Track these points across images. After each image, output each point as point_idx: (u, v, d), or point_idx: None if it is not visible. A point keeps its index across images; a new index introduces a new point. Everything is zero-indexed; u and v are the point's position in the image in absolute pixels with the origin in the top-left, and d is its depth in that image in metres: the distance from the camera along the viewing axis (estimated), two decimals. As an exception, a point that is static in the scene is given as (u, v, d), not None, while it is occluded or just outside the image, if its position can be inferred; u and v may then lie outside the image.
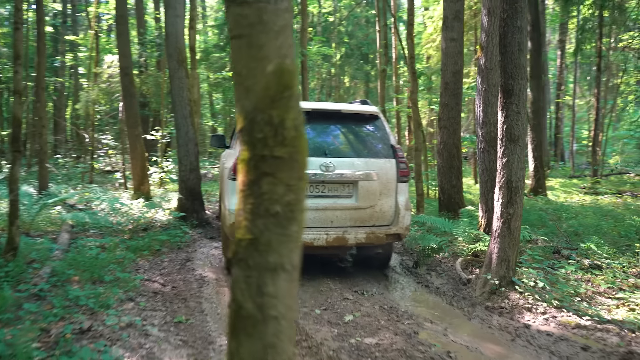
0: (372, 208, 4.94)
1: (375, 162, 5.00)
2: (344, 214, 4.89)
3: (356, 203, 4.90)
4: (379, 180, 4.95)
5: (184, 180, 7.62)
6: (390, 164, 5.03)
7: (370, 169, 4.94)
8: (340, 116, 5.30)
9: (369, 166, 4.95)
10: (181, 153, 7.59)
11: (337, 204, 4.88)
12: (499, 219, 4.39)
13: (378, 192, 4.95)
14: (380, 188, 4.96)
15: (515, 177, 4.28)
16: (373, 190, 4.93)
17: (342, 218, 4.89)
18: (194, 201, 7.64)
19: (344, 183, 4.90)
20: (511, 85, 4.16)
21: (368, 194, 4.91)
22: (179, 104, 7.52)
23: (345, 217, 4.90)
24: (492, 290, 4.39)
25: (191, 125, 7.61)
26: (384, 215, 5.00)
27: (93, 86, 13.45)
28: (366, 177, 4.90)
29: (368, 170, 4.92)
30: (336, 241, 4.81)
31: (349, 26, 29.01)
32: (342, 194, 4.92)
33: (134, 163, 10.25)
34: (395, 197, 5.03)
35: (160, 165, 12.94)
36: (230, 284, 3.85)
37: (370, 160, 5.00)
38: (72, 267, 4.76)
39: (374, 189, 4.93)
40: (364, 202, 4.90)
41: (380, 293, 4.66)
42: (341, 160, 4.92)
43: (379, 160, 5.03)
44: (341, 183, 4.89)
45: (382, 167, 4.99)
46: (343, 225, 4.89)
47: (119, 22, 10.01)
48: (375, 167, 4.96)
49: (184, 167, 7.60)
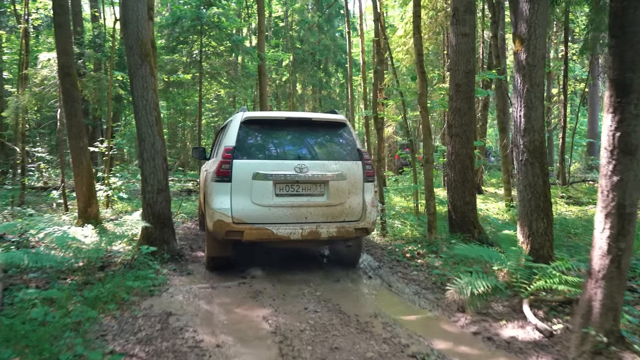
0: (342, 205, 5.45)
1: (343, 164, 5.52)
2: (316, 210, 5.36)
3: (327, 200, 5.40)
4: (348, 180, 5.47)
5: (151, 204, 6.14)
6: (357, 166, 5.56)
7: (340, 170, 5.46)
8: (312, 124, 5.80)
9: (338, 167, 5.47)
10: (146, 170, 6.12)
11: (311, 201, 5.37)
12: (605, 256, 3.35)
13: (347, 191, 5.47)
14: (349, 187, 5.47)
15: (630, 201, 3.25)
16: (342, 189, 5.44)
17: (315, 214, 5.36)
18: (163, 229, 6.17)
19: (316, 183, 5.40)
20: (630, 79, 3.13)
21: (338, 192, 5.43)
22: (143, 108, 6.06)
23: (318, 214, 5.37)
24: (597, 350, 3.33)
25: (158, 136, 6.17)
26: (353, 211, 5.49)
27: (24, 90, 11.48)
28: (336, 177, 5.42)
29: (337, 171, 5.44)
30: (310, 235, 5.28)
31: (301, 31, 27.94)
32: (315, 193, 5.41)
33: (79, 181, 8.58)
34: (363, 195, 5.57)
35: (106, 182, 11.21)
36: None
37: (339, 162, 5.52)
38: (8, 343, 3.28)
39: (343, 188, 5.45)
40: (335, 199, 5.41)
41: (441, 357, 3.49)
42: (313, 163, 5.44)
43: (347, 162, 5.55)
44: (314, 183, 5.39)
45: (350, 169, 5.52)
46: (316, 221, 5.36)
47: (57, 12, 8.35)
48: (344, 169, 5.49)
49: (150, 187, 6.12)
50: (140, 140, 6.15)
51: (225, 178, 5.27)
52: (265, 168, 5.29)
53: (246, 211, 5.23)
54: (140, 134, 6.10)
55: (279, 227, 5.25)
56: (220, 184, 5.28)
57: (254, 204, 5.24)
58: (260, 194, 5.25)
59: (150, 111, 6.10)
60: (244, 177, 5.25)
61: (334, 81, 33.98)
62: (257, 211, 5.25)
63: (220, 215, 5.21)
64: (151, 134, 6.09)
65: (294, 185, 5.36)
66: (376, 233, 7.94)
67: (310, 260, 6.66)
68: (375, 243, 7.50)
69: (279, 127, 5.76)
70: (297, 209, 5.31)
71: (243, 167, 5.28)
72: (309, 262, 6.56)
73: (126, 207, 11.61)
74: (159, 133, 6.20)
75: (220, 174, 5.28)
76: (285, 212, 5.29)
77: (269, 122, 5.75)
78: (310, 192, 5.40)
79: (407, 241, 7.28)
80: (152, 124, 6.10)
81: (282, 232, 5.23)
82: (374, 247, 7.22)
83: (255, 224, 5.24)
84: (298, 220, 5.31)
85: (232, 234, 5.23)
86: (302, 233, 5.26)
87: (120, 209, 11.42)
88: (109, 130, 11.71)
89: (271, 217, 5.27)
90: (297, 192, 5.37)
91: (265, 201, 5.26)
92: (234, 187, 5.25)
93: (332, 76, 31.38)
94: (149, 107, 6.09)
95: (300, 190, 5.38)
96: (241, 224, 5.21)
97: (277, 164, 5.36)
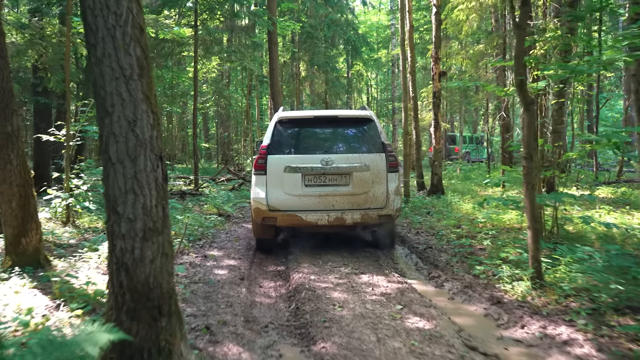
0: (365, 194, 6.04)
1: (367, 157, 6.11)
2: (342, 199, 6.00)
3: (352, 190, 6.01)
4: (371, 171, 6.05)
5: (127, 267, 2.59)
6: (380, 158, 6.12)
7: (363, 162, 6.05)
8: (338, 120, 6.50)
9: (362, 160, 6.07)
10: (115, 184, 2.57)
11: (337, 191, 6.01)
12: None
13: (370, 181, 6.05)
14: (372, 177, 6.06)
15: None
16: (366, 179, 6.04)
17: (341, 202, 6.00)
18: (156, 325, 2.63)
19: (341, 174, 6.03)
20: None
21: (361, 182, 6.03)
22: (109, 35, 2.51)
23: (344, 202, 6.01)
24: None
25: (145, 104, 2.61)
26: (377, 199, 6.06)
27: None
28: (359, 169, 6.02)
29: (361, 163, 6.04)
30: (336, 221, 5.98)
31: (307, 2, 24.26)
32: (340, 183, 6.04)
33: (5, 192, 4.99)
34: (386, 184, 6.10)
35: (65, 185, 7.59)
36: None
37: (362, 155, 6.11)
38: None
39: (367, 178, 6.04)
40: (358, 189, 6.02)
41: None
42: (338, 156, 6.08)
43: (371, 154, 6.13)
44: (338, 174, 6.03)
45: (374, 160, 6.09)
46: (342, 208, 6.00)
47: None
48: (367, 161, 6.08)
49: (125, 225, 2.57)
50: (100, 113, 2.59)
51: (261, 171, 6.07)
52: (295, 162, 6.03)
53: (279, 200, 5.98)
54: (102, 95, 2.55)
55: (307, 214, 5.97)
56: (257, 177, 6.09)
57: (286, 193, 5.98)
58: (291, 184, 5.98)
59: (128, 43, 2.54)
60: (277, 170, 6.01)
61: (342, 62, 30.46)
62: (289, 200, 5.97)
63: (257, 203, 6.01)
64: (128, 99, 2.54)
65: (321, 176, 6.04)
66: (529, 287, 4.48)
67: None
68: (535, 306, 4.04)
69: (309, 125, 6.45)
70: (324, 198, 5.98)
71: (276, 162, 6.05)
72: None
73: (95, 221, 8.00)
74: (146, 99, 2.63)
75: (257, 168, 6.11)
76: (313, 200, 5.98)
77: (300, 120, 6.43)
78: (336, 183, 6.05)
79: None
80: (129, 76, 2.55)
81: (310, 218, 5.97)
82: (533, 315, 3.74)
83: (287, 211, 5.98)
84: (325, 208, 5.98)
85: (268, 220, 6.01)
86: (328, 219, 5.97)
87: (87, 224, 7.81)
88: (68, 110, 8.04)
89: (301, 205, 5.98)
90: (323, 182, 6.04)
91: (296, 191, 5.98)
92: (269, 179, 6.03)
93: (341, 55, 27.86)
94: (123, 34, 2.53)
95: (327, 181, 6.05)
96: (275, 211, 5.98)
97: (305, 158, 6.06)
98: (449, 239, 6.97)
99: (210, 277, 5.16)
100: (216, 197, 10.15)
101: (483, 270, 5.19)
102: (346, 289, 4.78)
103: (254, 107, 25.59)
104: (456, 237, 7.02)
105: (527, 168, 4.65)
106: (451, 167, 18.90)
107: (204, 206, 10.22)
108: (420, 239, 7.28)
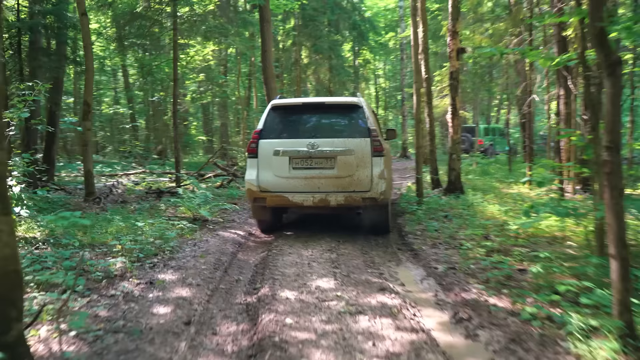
0: (350, 177, 6.26)
1: (352, 141, 6.31)
2: (327, 181, 6.30)
3: (337, 173, 6.27)
4: (355, 155, 6.25)
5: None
6: (365, 142, 6.29)
7: (347, 146, 6.27)
8: (326, 107, 6.92)
9: (346, 144, 6.28)
10: None
11: (322, 174, 6.31)
12: None
13: (355, 164, 6.25)
14: (357, 161, 6.25)
15: None
16: (350, 162, 6.25)
17: (326, 184, 6.30)
18: None
19: (326, 157, 6.30)
20: None
21: (346, 166, 6.25)
22: None
23: (329, 184, 6.30)
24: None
25: None
26: (361, 182, 6.26)
27: None
28: (344, 153, 6.25)
29: (345, 147, 6.26)
30: (320, 202, 6.30)
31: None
32: (326, 166, 6.32)
33: None
34: (371, 168, 6.26)
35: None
36: None
37: (347, 140, 6.32)
38: None
39: (351, 162, 6.25)
40: (343, 172, 6.26)
41: None
42: (323, 140, 6.32)
43: (356, 139, 6.32)
44: (324, 157, 6.30)
45: (358, 145, 6.28)
46: (327, 190, 6.30)
47: None
48: (352, 145, 6.28)
49: None
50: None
51: (253, 155, 6.53)
52: (283, 146, 6.39)
53: (269, 181, 6.42)
54: None
55: (294, 195, 6.36)
56: (250, 160, 6.58)
57: (275, 175, 6.40)
58: (279, 167, 6.39)
59: None
60: (267, 153, 6.43)
61: (348, 51, 28.71)
62: (278, 182, 6.40)
63: (249, 184, 6.50)
64: None
65: (307, 160, 6.35)
66: (616, 350, 2.89)
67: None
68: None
69: (299, 111, 6.86)
70: (310, 180, 6.31)
71: (267, 146, 6.45)
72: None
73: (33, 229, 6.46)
74: None
75: (250, 152, 6.59)
76: (300, 182, 6.35)
77: (291, 107, 6.89)
78: (321, 166, 6.33)
79: None
80: None
81: (296, 199, 6.36)
82: None
83: (275, 192, 6.40)
84: (311, 190, 6.31)
85: (258, 200, 6.48)
86: (313, 200, 6.30)
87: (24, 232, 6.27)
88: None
89: (288, 187, 6.37)
90: (310, 165, 6.36)
91: (284, 173, 6.38)
92: (260, 162, 6.47)
93: (345, 42, 26.13)
94: None
95: (313, 164, 6.35)
96: (265, 192, 6.42)
97: (293, 142, 6.40)
98: (477, 255, 5.35)
99: (140, 322, 3.58)
100: (192, 197, 8.54)
101: (535, 314, 3.57)
102: (334, 345, 3.20)
103: (252, 97, 23.96)
104: (486, 253, 5.41)
105: (612, 165, 3.01)
106: (467, 161, 17.17)
107: (179, 208, 8.66)
108: (439, 254, 5.66)
